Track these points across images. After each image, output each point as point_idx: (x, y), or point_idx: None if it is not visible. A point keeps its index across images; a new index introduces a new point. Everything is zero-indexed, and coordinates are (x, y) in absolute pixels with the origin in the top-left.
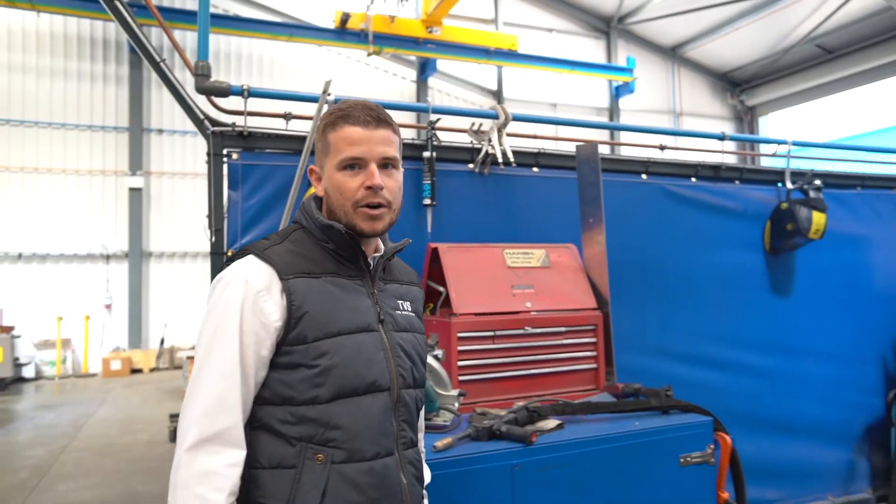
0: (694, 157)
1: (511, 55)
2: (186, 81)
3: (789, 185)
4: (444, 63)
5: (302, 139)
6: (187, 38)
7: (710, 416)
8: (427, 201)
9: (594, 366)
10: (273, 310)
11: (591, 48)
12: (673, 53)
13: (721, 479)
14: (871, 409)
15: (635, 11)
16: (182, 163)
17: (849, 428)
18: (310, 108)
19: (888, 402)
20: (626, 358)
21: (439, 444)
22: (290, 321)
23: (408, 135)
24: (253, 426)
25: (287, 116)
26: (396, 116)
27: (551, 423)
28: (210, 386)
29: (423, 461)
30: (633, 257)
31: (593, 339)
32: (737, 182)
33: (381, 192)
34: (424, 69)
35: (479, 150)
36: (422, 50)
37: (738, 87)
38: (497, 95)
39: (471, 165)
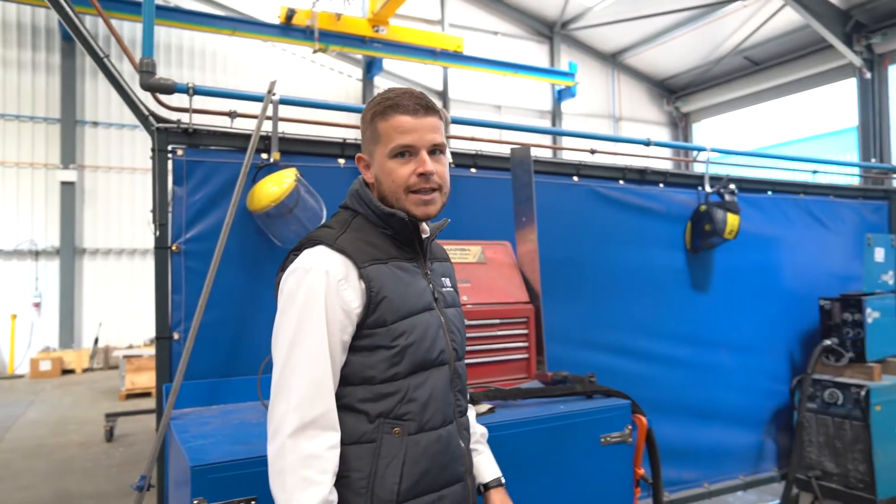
0: (623, 160)
1: (457, 56)
2: (125, 71)
3: (708, 189)
4: (390, 62)
5: (247, 137)
6: (124, 28)
7: (628, 400)
8: None
9: (526, 356)
10: (353, 297)
11: (535, 52)
12: (613, 60)
13: (638, 456)
14: (778, 395)
15: (578, 18)
16: (120, 157)
17: (758, 413)
18: (255, 107)
19: (792, 388)
20: (557, 349)
21: None
22: (369, 306)
23: (352, 135)
24: (336, 412)
25: (232, 115)
26: (341, 117)
27: (483, 407)
28: (305, 371)
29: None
30: (564, 254)
31: (525, 331)
32: (661, 185)
33: (433, 178)
34: (371, 68)
35: None
36: (368, 49)
37: (674, 94)
38: (443, 96)
39: None
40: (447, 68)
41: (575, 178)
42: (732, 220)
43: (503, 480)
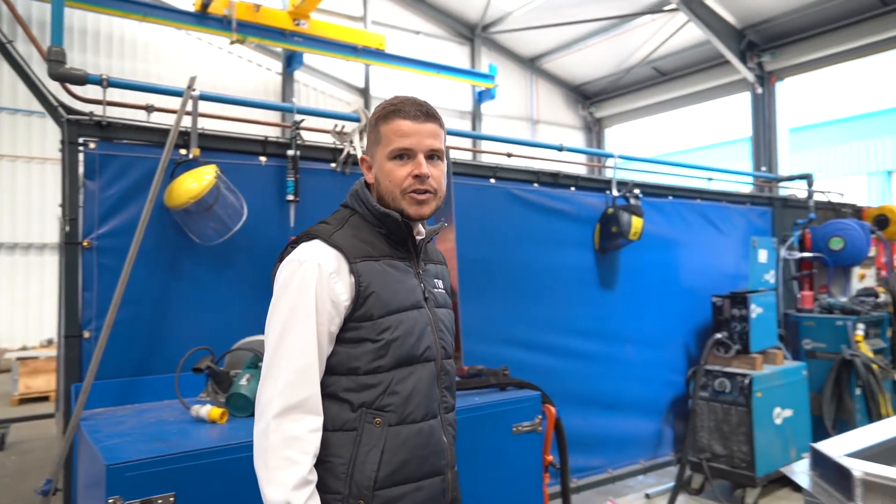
0: (539, 164)
1: (379, 54)
2: (34, 55)
3: (615, 193)
4: (311, 57)
5: (164, 132)
6: (33, 8)
7: (539, 391)
8: (290, 197)
9: None
10: (342, 290)
11: (456, 53)
12: (532, 64)
13: (547, 444)
14: (675, 385)
15: (498, 21)
16: (28, 146)
17: (658, 402)
18: (172, 101)
19: (687, 379)
20: (473, 344)
21: None
22: (357, 300)
23: (272, 133)
24: (320, 398)
25: (149, 108)
26: (259, 115)
27: None
28: (292, 358)
29: None
30: (480, 254)
31: None
32: (572, 188)
33: (428, 181)
34: (291, 62)
35: (341, 151)
36: (288, 42)
37: (589, 99)
38: (364, 93)
39: (333, 165)
40: (369, 66)
41: (492, 180)
42: (637, 222)
43: None
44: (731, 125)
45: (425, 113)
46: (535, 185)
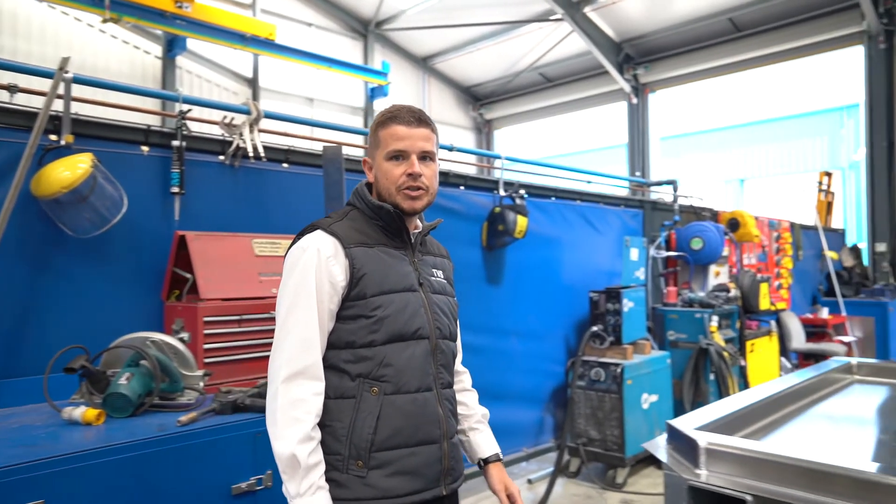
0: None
1: (268, 44)
2: None
3: (502, 193)
4: (195, 43)
5: (31, 115)
6: None
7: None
8: (175, 189)
9: None
10: (339, 272)
11: (349, 48)
12: (424, 64)
13: None
14: (556, 376)
15: (392, 19)
16: None
17: (540, 392)
18: (41, 83)
19: (567, 369)
20: None
21: (183, 418)
22: (352, 281)
23: (152, 121)
24: (322, 366)
25: (12, 89)
26: (140, 102)
27: None
28: (297, 332)
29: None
30: None
31: None
32: (462, 188)
33: (420, 179)
34: (172, 46)
35: (230, 143)
36: (169, 25)
37: (479, 101)
38: (253, 84)
39: (222, 157)
40: (258, 55)
41: None
42: (522, 221)
43: (501, 456)
44: (611, 132)
45: (418, 119)
46: None
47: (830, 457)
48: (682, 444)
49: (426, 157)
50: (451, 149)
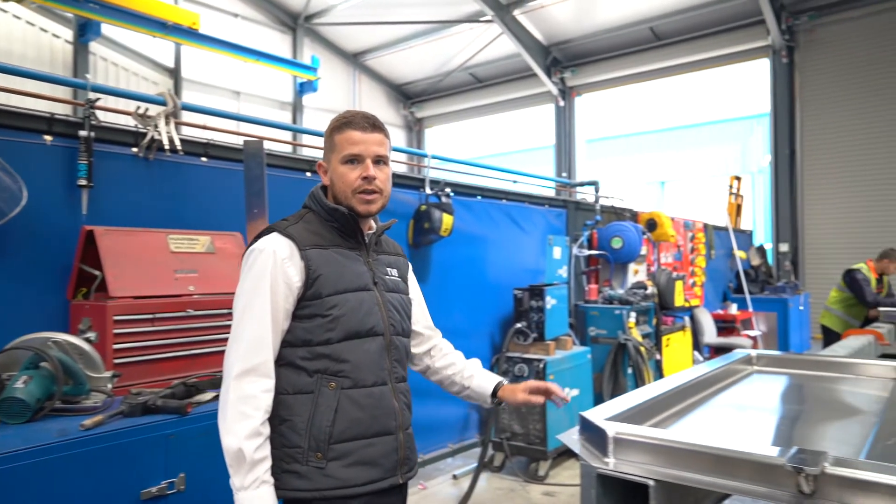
0: None
1: (192, 34)
2: None
3: (428, 191)
4: (111, 29)
5: None
6: None
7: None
8: (82, 182)
9: None
10: (294, 273)
11: (277, 42)
12: (355, 60)
13: None
14: None
15: (322, 13)
16: None
17: None
18: None
19: (491, 365)
20: None
21: (88, 422)
22: (307, 281)
23: (62, 110)
24: (280, 363)
25: None
26: (50, 90)
27: (208, 395)
28: (250, 330)
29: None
30: None
31: None
32: None
33: (375, 182)
34: (85, 31)
35: (144, 135)
36: (80, 8)
37: (410, 99)
38: (175, 74)
39: (135, 149)
40: (180, 45)
41: (308, 174)
42: (447, 219)
43: (505, 381)
44: (539, 133)
45: (372, 125)
46: None
47: (730, 442)
48: (594, 435)
49: (380, 160)
50: None
